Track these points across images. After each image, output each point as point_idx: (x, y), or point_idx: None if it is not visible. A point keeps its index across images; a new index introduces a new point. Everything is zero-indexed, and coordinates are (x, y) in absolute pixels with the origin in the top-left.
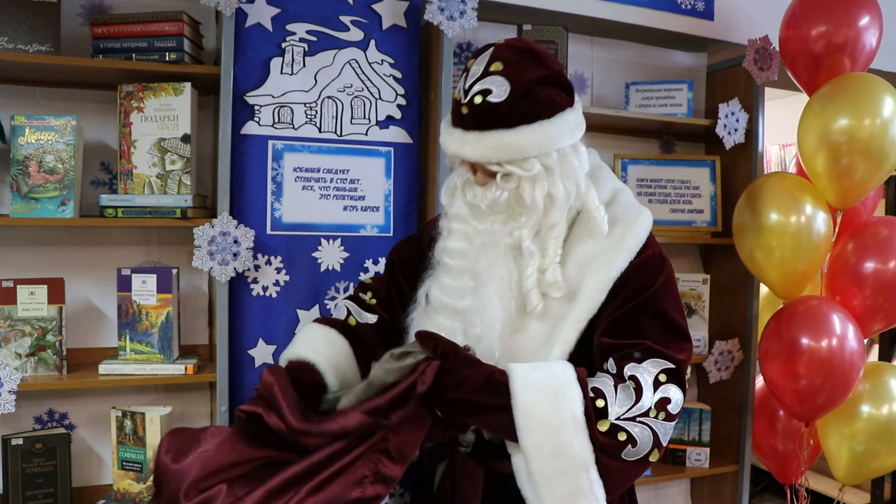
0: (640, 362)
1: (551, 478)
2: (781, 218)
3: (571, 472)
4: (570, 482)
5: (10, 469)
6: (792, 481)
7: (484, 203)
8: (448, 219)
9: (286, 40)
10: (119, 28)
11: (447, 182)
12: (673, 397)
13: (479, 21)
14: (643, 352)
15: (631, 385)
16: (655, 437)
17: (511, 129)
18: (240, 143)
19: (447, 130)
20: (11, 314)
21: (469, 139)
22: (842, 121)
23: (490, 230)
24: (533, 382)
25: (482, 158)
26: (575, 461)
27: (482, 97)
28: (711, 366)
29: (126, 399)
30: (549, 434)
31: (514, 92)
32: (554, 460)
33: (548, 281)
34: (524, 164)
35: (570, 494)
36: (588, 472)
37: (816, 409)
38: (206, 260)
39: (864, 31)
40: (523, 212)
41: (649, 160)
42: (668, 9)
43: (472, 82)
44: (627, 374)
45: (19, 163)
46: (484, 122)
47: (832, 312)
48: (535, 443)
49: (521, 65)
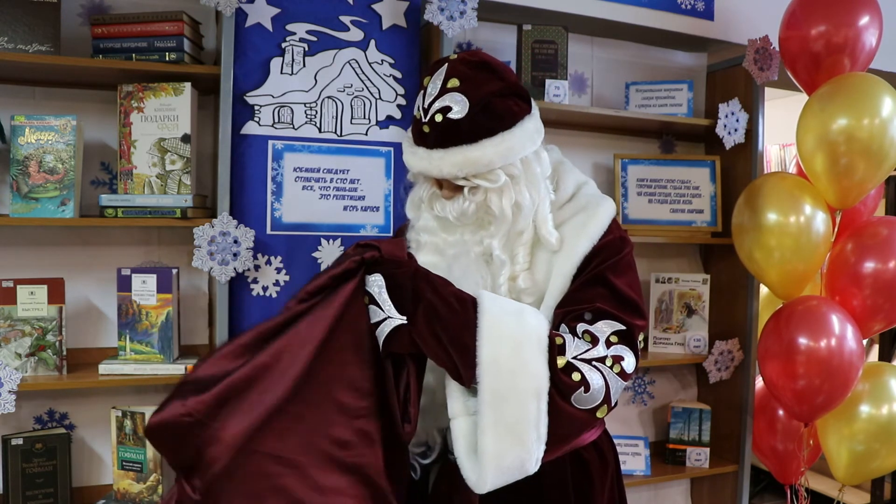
0: (592, 323)
1: (503, 400)
2: (781, 218)
3: (524, 395)
4: (520, 407)
5: (10, 469)
6: (792, 481)
7: (452, 215)
8: (416, 231)
9: (286, 40)
10: (119, 28)
11: (411, 195)
12: (626, 357)
13: (479, 21)
14: (594, 313)
15: (586, 337)
16: (607, 388)
17: (474, 144)
18: (240, 143)
19: (410, 149)
20: (11, 314)
21: (434, 157)
22: (841, 120)
23: (460, 241)
24: (501, 302)
25: (448, 175)
26: (530, 383)
27: (442, 115)
28: (711, 366)
29: (126, 399)
30: (512, 349)
31: (472, 107)
32: (511, 379)
33: (520, 287)
34: (490, 176)
35: (516, 422)
36: (539, 401)
37: (815, 409)
38: (206, 260)
39: (864, 31)
40: (492, 221)
41: (649, 160)
42: (668, 9)
43: (430, 101)
44: (580, 330)
45: (19, 163)
46: (446, 139)
47: (831, 312)
48: (495, 356)
49: (476, 79)
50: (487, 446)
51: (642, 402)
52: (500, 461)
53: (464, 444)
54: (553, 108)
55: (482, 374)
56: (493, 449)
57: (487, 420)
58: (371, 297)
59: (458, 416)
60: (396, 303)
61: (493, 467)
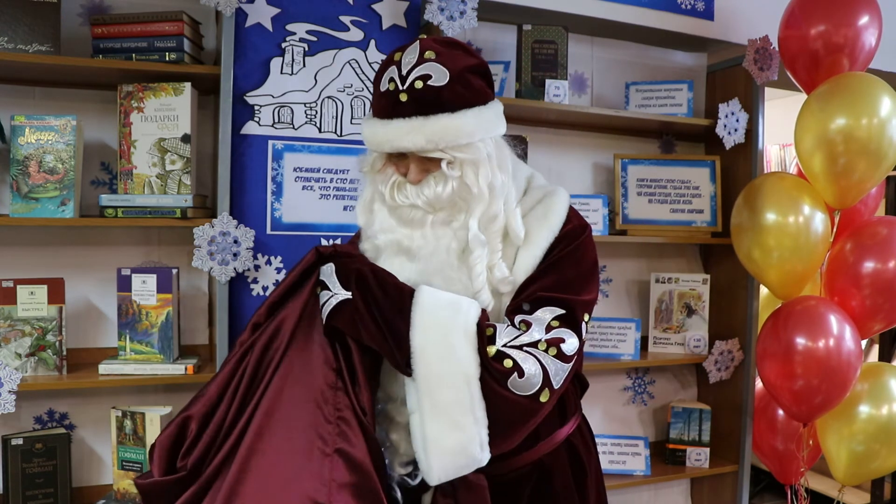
0: (531, 312)
1: (436, 385)
2: (779, 218)
3: (454, 379)
4: (452, 391)
5: (10, 469)
6: (792, 481)
7: (422, 201)
8: (371, 237)
9: (286, 40)
10: (119, 28)
11: (360, 199)
12: (567, 338)
13: (479, 21)
14: (532, 302)
15: (522, 326)
16: (545, 372)
17: (454, 113)
18: (240, 143)
19: (378, 124)
20: (11, 314)
21: (413, 126)
22: (840, 120)
23: (431, 237)
24: (438, 294)
25: (428, 144)
26: (458, 368)
27: (422, 82)
28: (711, 366)
29: (126, 399)
30: (441, 336)
31: (452, 78)
32: (440, 364)
33: (497, 278)
34: (468, 150)
35: (451, 405)
36: (469, 386)
37: (814, 409)
38: (206, 260)
39: (864, 31)
40: (466, 204)
41: (649, 160)
42: (668, 9)
43: (409, 69)
44: (517, 321)
45: (19, 163)
46: (426, 106)
47: (829, 313)
48: (424, 344)
49: (452, 54)
50: (427, 432)
51: (642, 402)
52: (440, 445)
53: (419, 438)
54: (553, 108)
55: (415, 361)
56: (432, 434)
57: (424, 406)
58: (322, 284)
59: (415, 412)
60: (343, 284)
61: (436, 453)
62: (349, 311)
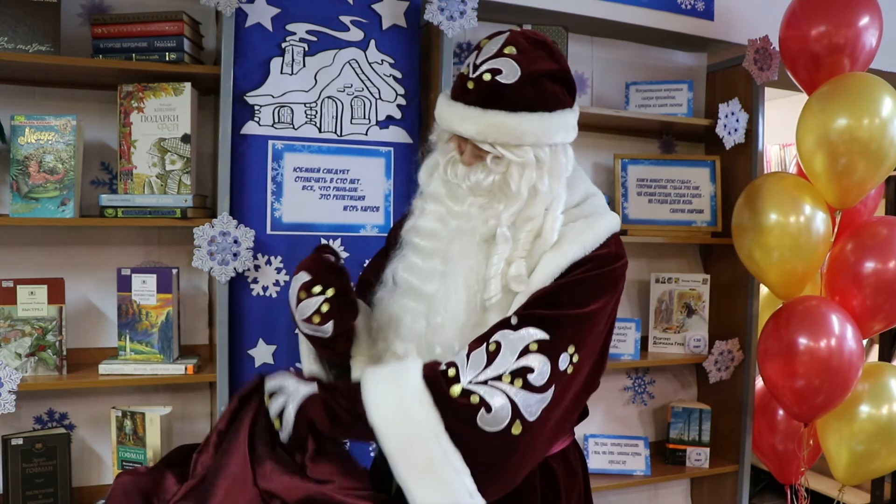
0: (516, 329)
1: (405, 451)
2: (780, 218)
3: (423, 440)
4: (425, 451)
5: (10, 469)
6: (792, 481)
7: (466, 183)
8: (423, 198)
9: (286, 40)
10: (119, 28)
11: (427, 161)
12: (537, 368)
13: (479, 21)
14: (521, 318)
15: (489, 349)
16: (514, 406)
17: (513, 113)
18: (240, 143)
19: (445, 103)
20: (11, 314)
21: (470, 114)
22: (841, 120)
23: (466, 214)
24: (379, 371)
25: (478, 135)
26: (423, 429)
27: (491, 75)
28: (711, 366)
29: (126, 399)
30: (394, 406)
31: (522, 78)
32: (403, 430)
33: (511, 273)
34: (517, 151)
35: (428, 464)
36: (439, 440)
37: (815, 409)
38: (206, 260)
39: (864, 31)
40: (504, 199)
41: (649, 160)
42: (668, 9)
43: (483, 59)
44: (493, 339)
45: (19, 163)
46: (488, 100)
47: (831, 312)
48: (383, 417)
49: (534, 55)
50: (416, 496)
51: (642, 402)
52: (439, 499)
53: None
54: None
55: (380, 437)
56: (421, 496)
57: (405, 476)
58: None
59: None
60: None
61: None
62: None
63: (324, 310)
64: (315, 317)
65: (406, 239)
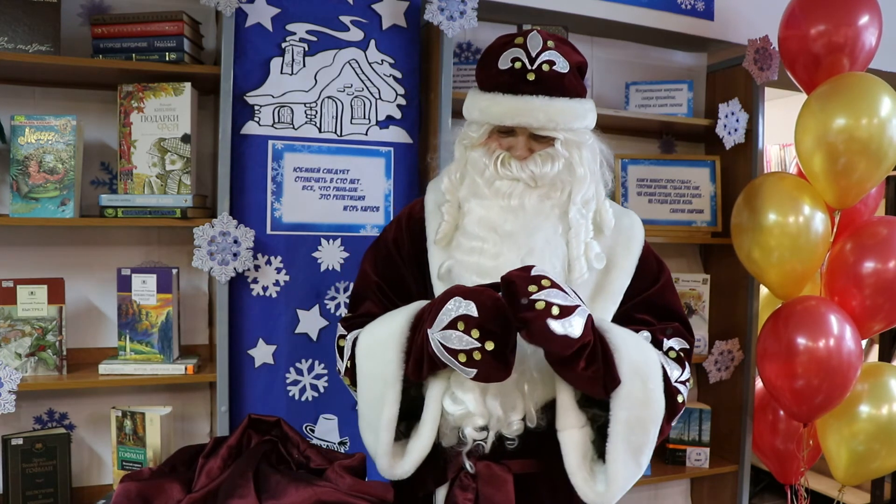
0: (669, 338)
1: (632, 430)
2: (779, 218)
3: (649, 423)
4: (644, 435)
5: (10, 469)
6: (792, 481)
7: (527, 174)
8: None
9: (286, 40)
10: (119, 28)
11: (448, 166)
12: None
13: (479, 21)
14: (672, 331)
15: (672, 355)
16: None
17: (573, 99)
18: (240, 143)
19: (493, 99)
20: (11, 314)
21: (536, 104)
22: (840, 120)
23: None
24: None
25: (549, 123)
26: (656, 412)
27: (549, 66)
28: (711, 366)
29: (126, 399)
30: (642, 382)
31: (571, 68)
32: (642, 410)
33: (592, 254)
34: (579, 133)
35: (638, 448)
36: (655, 427)
37: (814, 409)
38: (206, 260)
39: (864, 31)
40: (568, 184)
41: (649, 160)
42: (668, 9)
43: (537, 52)
44: (666, 347)
45: (19, 163)
46: (551, 88)
47: (830, 313)
48: (631, 390)
49: (565, 48)
50: (619, 472)
51: None
52: (625, 484)
53: (575, 456)
54: None
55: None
56: (623, 474)
57: (619, 448)
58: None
59: (568, 429)
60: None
61: (619, 491)
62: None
63: (476, 357)
64: (461, 355)
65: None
